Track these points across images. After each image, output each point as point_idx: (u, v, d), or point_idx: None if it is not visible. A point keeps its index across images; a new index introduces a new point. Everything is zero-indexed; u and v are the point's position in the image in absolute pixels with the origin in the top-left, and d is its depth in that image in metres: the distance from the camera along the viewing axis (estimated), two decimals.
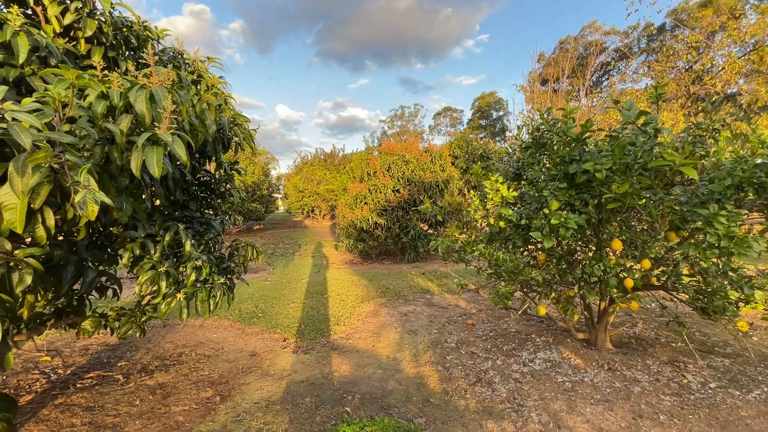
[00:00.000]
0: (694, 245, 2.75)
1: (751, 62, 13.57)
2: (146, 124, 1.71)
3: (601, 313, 3.96)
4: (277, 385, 3.57)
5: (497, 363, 3.80)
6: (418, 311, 5.71)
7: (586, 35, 32.64)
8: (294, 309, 6.00)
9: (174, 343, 4.75)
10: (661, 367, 3.51)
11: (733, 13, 19.99)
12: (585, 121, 2.69)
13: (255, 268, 10.74)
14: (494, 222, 3.41)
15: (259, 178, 19.13)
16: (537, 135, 3.04)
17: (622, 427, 2.66)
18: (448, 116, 64.78)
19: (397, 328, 4.98)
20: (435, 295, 6.59)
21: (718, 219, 2.66)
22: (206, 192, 4.01)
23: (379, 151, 11.20)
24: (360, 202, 10.08)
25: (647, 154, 2.44)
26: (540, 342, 4.24)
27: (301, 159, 32.97)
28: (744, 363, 3.53)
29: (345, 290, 7.09)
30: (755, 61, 13.72)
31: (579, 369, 3.55)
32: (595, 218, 2.94)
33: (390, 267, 9.92)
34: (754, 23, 18.04)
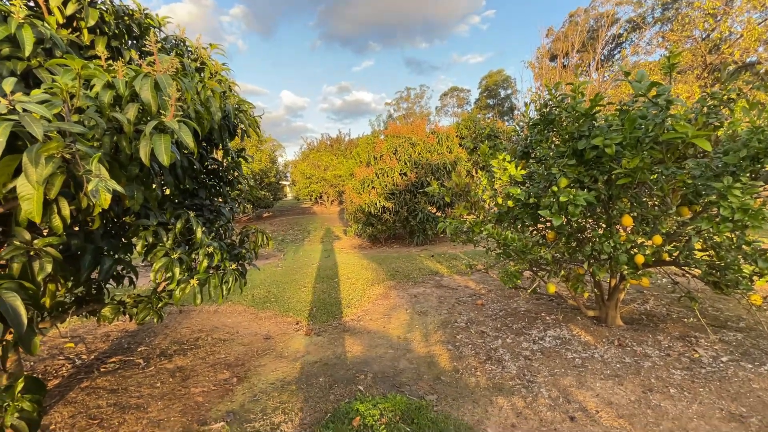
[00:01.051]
0: (707, 219, 2.70)
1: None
2: (152, 112, 1.73)
3: (611, 290, 3.95)
4: (291, 367, 3.67)
5: (507, 341, 3.85)
6: (428, 293, 5.76)
7: (597, 6, 31.36)
8: (305, 293, 6.10)
9: (190, 329, 4.89)
10: (672, 342, 3.51)
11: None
12: (594, 95, 2.62)
13: (266, 254, 10.89)
14: (502, 201, 3.39)
15: (266, 165, 19.18)
16: (545, 111, 2.98)
17: (632, 401, 2.69)
18: (454, 96, 63.62)
19: (407, 309, 5.05)
20: (444, 277, 6.63)
21: (732, 192, 2.60)
22: (215, 180, 4.05)
23: (384, 135, 11.11)
24: (367, 187, 10.07)
25: (659, 127, 2.38)
26: (550, 320, 4.26)
27: (308, 145, 32.93)
28: (757, 337, 3.52)
29: (355, 274, 7.18)
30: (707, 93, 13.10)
31: (589, 345, 3.57)
32: (605, 195, 2.91)
33: (399, 250, 9.97)
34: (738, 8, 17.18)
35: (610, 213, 3.07)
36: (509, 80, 48.44)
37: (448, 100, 64.40)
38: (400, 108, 62.86)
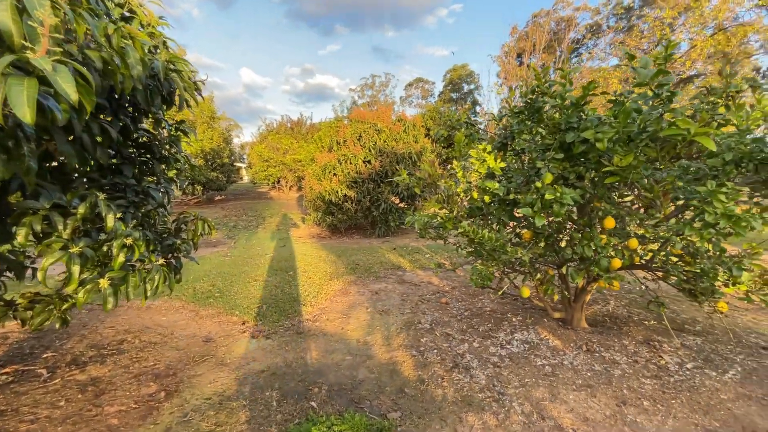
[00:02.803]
0: (689, 225, 2.55)
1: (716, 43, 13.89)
2: (14, 44, 1.17)
3: (578, 292, 3.83)
4: (233, 377, 3.18)
5: (474, 345, 3.60)
6: (390, 289, 5.43)
7: (558, 10, 32.36)
8: (255, 288, 5.54)
9: (114, 329, 4.20)
10: (638, 347, 3.44)
11: None
12: (588, 82, 2.36)
13: (214, 242, 10.04)
14: (478, 196, 3.09)
15: (219, 144, 17.85)
16: (531, 98, 2.69)
17: (607, 416, 2.51)
18: (419, 87, 63.62)
19: (367, 308, 4.68)
20: (407, 272, 6.34)
21: (716, 197, 2.46)
22: (146, 156, 3.38)
23: (349, 119, 10.56)
24: (328, 173, 9.52)
25: (657, 122, 2.16)
26: (516, 322, 4.09)
27: (266, 126, 31.37)
28: (715, 341, 3.53)
29: (312, 267, 6.69)
30: (720, 42, 14.08)
31: (557, 351, 3.41)
32: (590, 193, 2.69)
33: (360, 242, 9.57)
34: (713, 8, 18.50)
35: (592, 214, 2.87)
36: (473, 75, 49.07)
37: (413, 91, 64.30)
38: (364, 95, 61.80)
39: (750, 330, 3.81)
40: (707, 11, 14.46)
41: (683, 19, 19.18)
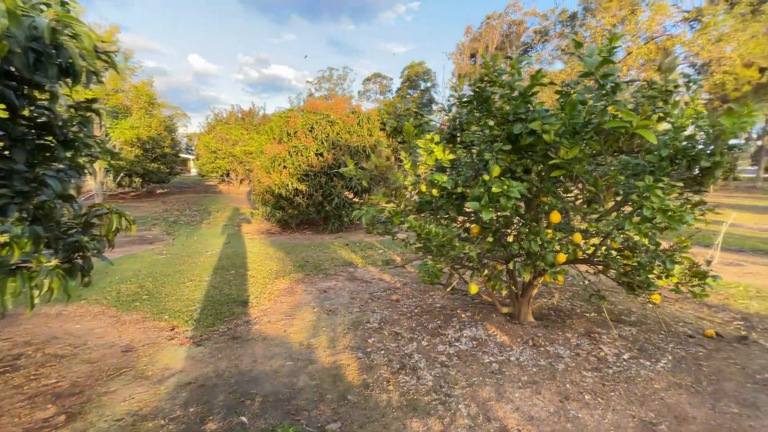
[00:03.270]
0: (628, 220, 2.58)
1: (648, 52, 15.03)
2: None
3: (525, 286, 3.84)
4: (152, 392, 2.79)
5: (422, 344, 3.48)
6: (340, 287, 5.20)
7: (510, 13, 33.55)
8: (191, 289, 5.06)
9: (13, 340, 3.60)
10: (580, 339, 3.50)
11: (633, 9, 22.04)
12: (536, 71, 2.27)
13: (150, 238, 9.21)
14: (426, 189, 2.95)
15: (160, 133, 16.47)
16: (480, 87, 2.58)
17: (551, 413, 2.48)
18: (377, 83, 63.43)
19: (314, 307, 4.42)
20: (358, 268, 6.13)
21: (654, 192, 2.50)
22: (46, 138, 2.87)
23: (301, 109, 10.10)
24: (278, 166, 9.03)
25: (601, 114, 2.12)
26: (465, 318, 4.03)
27: (215, 116, 29.66)
28: (648, 331, 3.69)
29: (257, 264, 6.27)
30: (652, 51, 15.24)
31: (505, 347, 3.38)
32: (537, 187, 2.63)
33: (311, 237, 9.22)
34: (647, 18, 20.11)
35: (538, 208, 2.83)
36: (429, 73, 49.76)
37: (371, 86, 64.02)
38: (321, 88, 60.52)
39: (678, 319, 4.04)
40: (642, 20, 15.61)
41: (621, 28, 20.64)
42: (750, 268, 6.37)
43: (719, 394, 2.68)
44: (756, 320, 4.08)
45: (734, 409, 2.51)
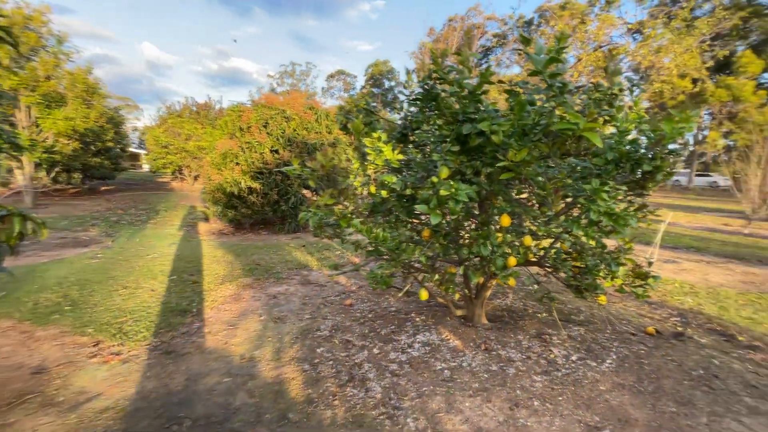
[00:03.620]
0: (576, 223, 2.56)
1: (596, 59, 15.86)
2: None
3: (478, 289, 3.80)
4: (61, 422, 2.43)
5: (374, 352, 3.33)
6: (291, 292, 4.94)
7: (471, 17, 34.32)
8: (124, 297, 4.59)
9: None
10: (531, 341, 3.50)
11: (583, 19, 23.30)
12: (485, 69, 2.18)
13: (86, 240, 8.39)
14: (376, 190, 2.79)
15: (102, 125, 15.15)
16: (429, 84, 2.45)
17: (500, 422, 2.41)
18: (341, 80, 62.75)
19: (261, 315, 4.13)
20: (313, 271, 5.88)
21: (600, 195, 2.49)
22: None
23: (254, 103, 9.62)
24: (230, 162, 8.53)
25: (550, 116, 2.07)
26: (419, 322, 3.93)
27: (167, 108, 27.97)
28: (595, 330, 3.77)
29: (202, 268, 5.84)
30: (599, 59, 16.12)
31: (457, 352, 3.30)
32: (486, 190, 2.55)
33: (266, 238, 8.80)
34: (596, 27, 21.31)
35: (489, 211, 2.76)
36: (394, 72, 49.89)
37: (335, 83, 63.27)
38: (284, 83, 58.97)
39: (622, 316, 4.18)
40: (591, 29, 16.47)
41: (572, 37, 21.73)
42: (684, 265, 6.82)
43: (659, 393, 2.74)
44: (690, 316, 4.31)
45: (672, 408, 2.57)
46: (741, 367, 3.16)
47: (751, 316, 4.32)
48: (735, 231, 11.44)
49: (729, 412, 2.56)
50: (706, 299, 4.83)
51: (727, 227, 12.43)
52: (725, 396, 2.74)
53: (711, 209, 17.87)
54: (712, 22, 19.52)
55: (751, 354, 3.42)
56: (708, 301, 4.77)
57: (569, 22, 23.90)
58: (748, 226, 11.39)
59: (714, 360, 3.26)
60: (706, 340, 3.69)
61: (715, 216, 15.39)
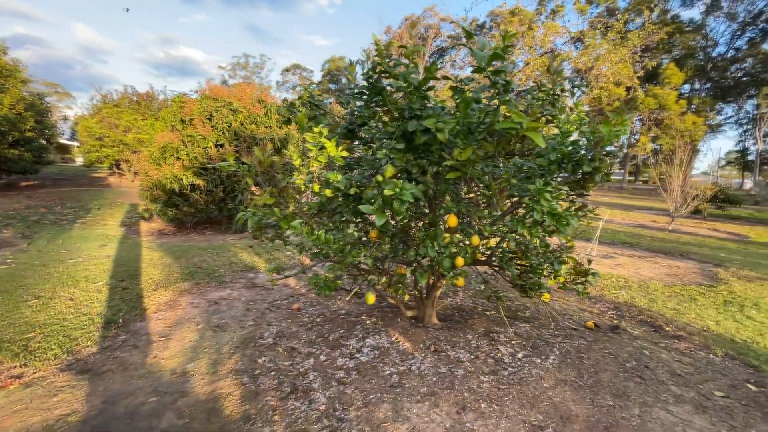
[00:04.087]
0: (521, 223, 2.57)
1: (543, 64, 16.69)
2: None
3: (429, 288, 3.77)
4: None
5: (320, 360, 3.16)
6: (235, 296, 4.62)
7: (426, 17, 34.80)
8: (35, 309, 4.03)
9: None
10: (480, 340, 3.52)
11: (531, 25, 24.49)
12: (431, 64, 2.10)
13: None
14: (319, 189, 2.62)
15: (19, 113, 13.46)
16: (373, 77, 2.33)
17: (447, 428, 2.35)
18: (297, 74, 61.12)
19: (198, 324, 3.81)
20: (260, 274, 5.57)
21: (544, 195, 2.51)
22: None
23: (198, 94, 8.99)
24: (170, 157, 7.89)
25: (494, 114, 2.02)
26: (370, 324, 3.82)
27: (103, 97, 25.65)
28: (540, 327, 3.88)
29: (135, 273, 5.32)
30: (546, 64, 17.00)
31: (407, 355, 3.23)
32: (432, 190, 2.48)
33: (211, 238, 8.26)
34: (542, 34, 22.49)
35: (437, 211, 2.70)
36: None
37: (291, 77, 61.50)
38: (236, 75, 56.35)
39: (564, 311, 4.35)
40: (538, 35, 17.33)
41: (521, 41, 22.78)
42: (620, 260, 7.31)
43: (597, 386, 2.84)
44: (625, 309, 4.58)
45: (609, 401, 2.67)
46: (668, 357, 3.38)
47: (675, 307, 4.68)
48: (661, 227, 12.56)
49: (658, 401, 2.70)
50: (638, 292, 5.18)
51: (655, 224, 13.63)
52: (655, 386, 2.90)
53: (642, 207, 19.54)
54: (642, 35, 21.34)
55: (676, 343, 3.68)
56: (640, 294, 5.11)
57: (519, 28, 25.03)
58: (672, 222, 12.55)
59: (645, 351, 3.46)
60: (638, 331, 3.92)
61: (645, 213, 16.83)
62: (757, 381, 3.06)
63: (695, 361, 3.33)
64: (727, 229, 12.96)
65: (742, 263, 7.33)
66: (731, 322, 4.27)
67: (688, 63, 35.19)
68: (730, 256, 8.10)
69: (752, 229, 13.36)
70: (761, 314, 4.53)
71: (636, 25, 28.53)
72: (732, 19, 33.28)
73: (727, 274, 6.35)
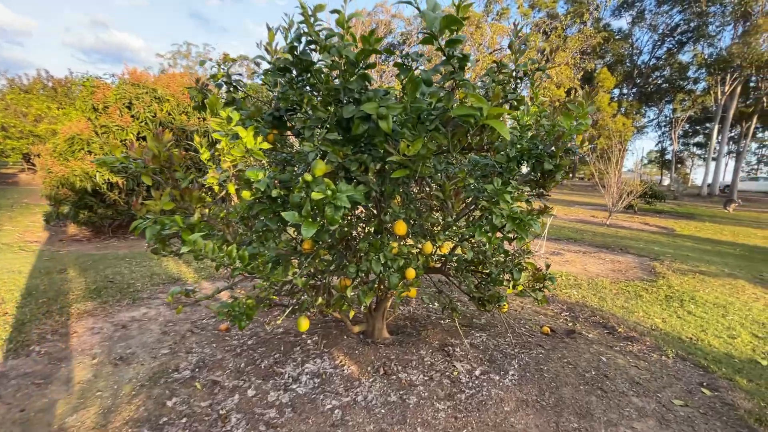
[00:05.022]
0: (479, 228, 2.22)
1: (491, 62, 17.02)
2: None
3: (378, 299, 3.35)
4: None
5: (248, 396, 2.62)
6: (151, 316, 3.89)
7: (378, 12, 34.41)
8: None
9: None
10: (434, 356, 3.17)
11: (479, 25, 25.05)
12: (369, 32, 1.66)
13: None
14: (235, 191, 2.09)
15: None
16: (299, 49, 1.84)
17: None
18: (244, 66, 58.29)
19: (95, 357, 3.08)
20: (187, 286, 4.82)
21: (503, 196, 2.19)
22: None
23: (118, 79, 7.83)
24: (79, 150, 6.74)
25: (447, 98, 1.64)
26: (311, 344, 3.33)
27: (9, 82, 22.47)
28: (497, 336, 3.62)
29: (23, 293, 4.35)
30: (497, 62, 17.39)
31: (352, 382, 2.79)
32: (376, 191, 2.05)
33: (133, 244, 7.23)
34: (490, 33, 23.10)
35: (382, 216, 2.28)
36: None
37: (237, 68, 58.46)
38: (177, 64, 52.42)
39: (519, 317, 4.15)
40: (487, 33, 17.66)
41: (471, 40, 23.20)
42: (567, 256, 7.41)
43: (560, 405, 2.59)
44: (578, 309, 4.49)
45: (574, 423, 2.42)
46: (624, 362, 3.25)
47: (623, 305, 4.68)
48: (600, 222, 13.25)
49: (622, 418, 2.50)
50: (588, 290, 5.17)
51: (594, 218, 14.38)
52: (616, 398, 2.72)
53: (581, 203, 20.73)
54: (581, 39, 22.58)
55: (630, 346, 3.59)
56: (590, 292, 5.09)
57: (467, 28, 25.48)
58: (609, 217, 13.29)
59: (602, 357, 3.31)
60: (593, 334, 3.80)
61: (585, 209, 17.82)
62: (709, 384, 3.00)
63: (650, 365, 3.24)
64: (655, 223, 13.99)
65: (674, 256, 7.76)
66: (675, 318, 4.33)
67: (618, 69, 38.14)
68: (663, 249, 8.58)
69: (676, 222, 14.57)
70: (699, 309, 4.66)
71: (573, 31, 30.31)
72: (654, 30, 36.50)
73: (663, 268, 6.62)
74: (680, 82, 36.81)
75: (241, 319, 1.97)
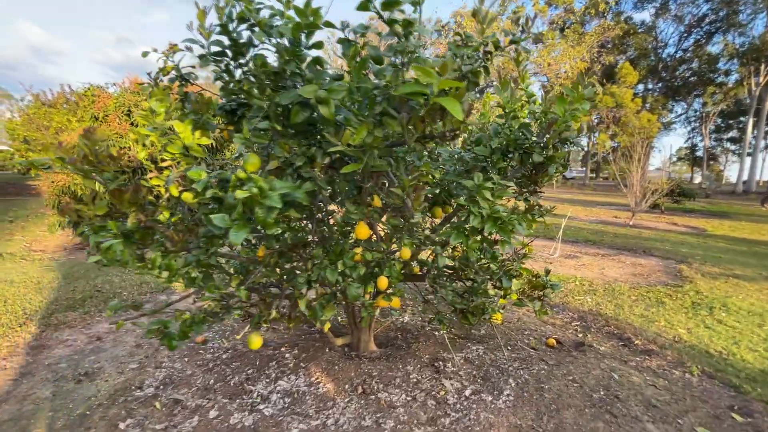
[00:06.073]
0: (456, 231, 1.92)
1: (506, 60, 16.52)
2: None
3: (355, 311, 3.07)
4: None
5: (209, 418, 2.39)
6: (128, 327, 3.72)
7: None
8: None
9: None
10: (422, 372, 2.86)
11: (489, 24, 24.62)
12: (305, 2, 1.40)
13: None
14: (177, 192, 1.86)
15: None
16: (231, 27, 1.60)
17: None
18: None
19: (59, 372, 2.92)
20: (173, 294, 4.69)
21: (482, 193, 1.88)
22: None
23: (119, 88, 7.89)
24: None
25: (395, 75, 1.36)
26: (289, 358, 3.08)
27: (35, 98, 23.39)
28: (495, 349, 3.27)
29: (7, 301, 4.28)
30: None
31: (326, 402, 2.51)
32: (325, 189, 1.79)
33: None
34: None
35: (339, 219, 2.01)
36: None
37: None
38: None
39: (524, 326, 3.78)
40: None
41: None
42: (584, 260, 6.92)
43: None
44: (590, 318, 4.07)
45: None
46: (640, 380, 2.85)
47: (643, 313, 4.23)
48: (623, 223, 12.54)
49: None
50: (604, 297, 4.73)
51: (617, 219, 13.65)
52: (628, 425, 2.34)
53: (603, 203, 19.83)
54: (599, 31, 21.78)
55: (648, 360, 3.18)
56: (605, 299, 4.65)
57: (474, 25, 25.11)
58: (633, 218, 12.56)
59: (614, 374, 2.92)
60: (606, 347, 3.40)
61: (607, 209, 17.00)
62: (741, 407, 2.57)
63: (670, 384, 2.82)
64: (684, 223, 13.14)
65: (703, 258, 7.14)
66: (702, 328, 3.86)
67: (641, 63, 36.71)
68: (692, 251, 7.94)
69: (708, 221, 13.65)
70: (731, 317, 4.16)
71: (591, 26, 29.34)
72: (679, 21, 34.97)
73: (690, 271, 6.07)
74: (710, 75, 35.09)
75: (173, 338, 1.73)
